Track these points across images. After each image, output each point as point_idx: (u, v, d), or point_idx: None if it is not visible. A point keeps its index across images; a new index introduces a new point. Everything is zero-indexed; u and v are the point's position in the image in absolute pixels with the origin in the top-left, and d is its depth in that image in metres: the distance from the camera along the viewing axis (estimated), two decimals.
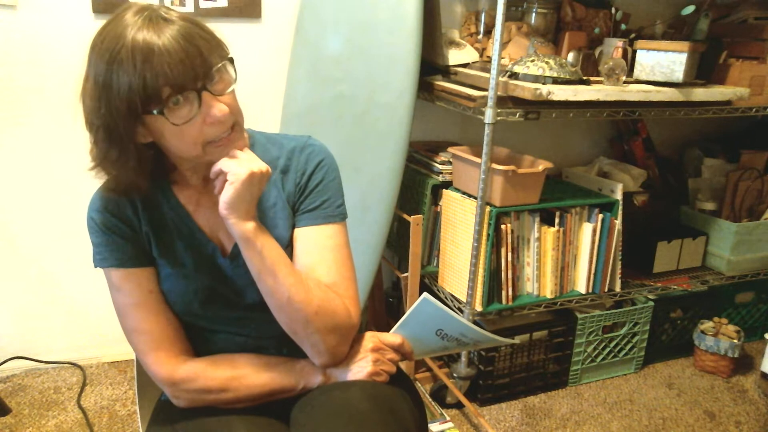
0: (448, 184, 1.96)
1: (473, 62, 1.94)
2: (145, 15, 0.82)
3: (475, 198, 1.76)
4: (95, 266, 0.98)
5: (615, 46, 1.79)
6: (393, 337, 1.01)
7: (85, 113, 0.86)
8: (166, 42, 0.79)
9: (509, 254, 1.83)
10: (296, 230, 1.01)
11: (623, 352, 2.14)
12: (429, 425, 1.82)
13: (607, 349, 2.11)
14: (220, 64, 0.86)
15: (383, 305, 2.26)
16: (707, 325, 2.20)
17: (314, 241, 0.99)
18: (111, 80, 0.80)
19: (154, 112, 0.82)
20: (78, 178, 1.94)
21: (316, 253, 0.99)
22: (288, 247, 1.01)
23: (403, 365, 2.02)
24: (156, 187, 0.98)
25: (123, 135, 0.84)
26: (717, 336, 2.15)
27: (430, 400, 1.95)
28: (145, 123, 0.85)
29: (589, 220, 1.92)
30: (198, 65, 0.82)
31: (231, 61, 0.89)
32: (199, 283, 0.98)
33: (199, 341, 1.02)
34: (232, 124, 0.89)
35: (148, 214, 0.98)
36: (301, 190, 1.01)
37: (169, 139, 0.86)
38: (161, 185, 0.99)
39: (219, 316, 1.01)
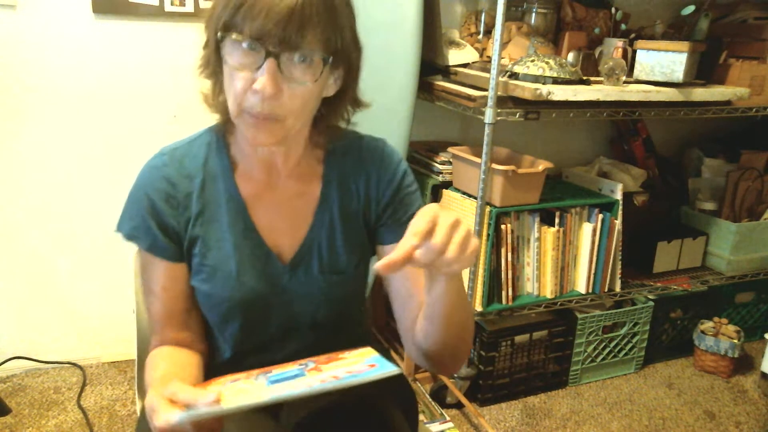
0: (448, 184, 1.96)
1: (473, 62, 1.94)
2: None
3: (475, 198, 1.76)
4: (118, 230, 0.92)
5: (615, 46, 1.80)
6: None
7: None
8: None
9: (509, 254, 1.83)
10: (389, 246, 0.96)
11: (623, 352, 2.14)
12: (429, 425, 1.82)
13: (607, 349, 2.11)
14: (311, 55, 0.78)
15: (383, 305, 2.26)
16: (707, 325, 2.20)
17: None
18: None
19: (219, 35, 0.78)
20: (78, 178, 1.94)
21: None
22: (359, 266, 0.96)
23: (402, 365, 2.02)
24: (219, 173, 0.92)
25: (213, 47, 0.82)
26: (717, 336, 2.15)
27: (430, 400, 1.95)
28: (223, 48, 0.81)
29: (589, 220, 1.92)
30: (293, 32, 0.75)
31: (325, 62, 0.80)
32: (243, 289, 0.91)
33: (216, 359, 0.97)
34: (272, 111, 0.80)
35: (203, 199, 0.91)
36: (390, 200, 0.96)
37: (225, 79, 0.82)
38: (224, 172, 0.92)
39: (254, 333, 0.94)
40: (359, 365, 0.75)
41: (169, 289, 0.93)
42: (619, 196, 1.92)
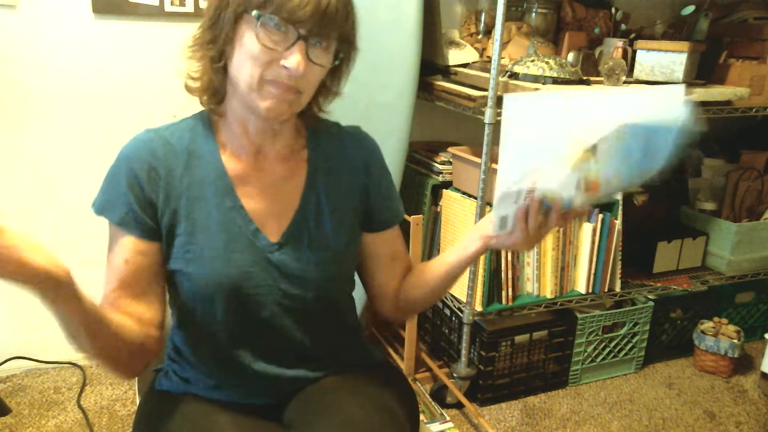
0: (448, 184, 1.97)
1: (473, 62, 1.94)
2: None
3: (475, 198, 1.76)
4: (93, 206, 0.96)
5: (615, 46, 1.80)
6: None
7: None
8: None
9: (509, 254, 1.83)
10: (387, 231, 1.06)
11: (623, 352, 2.14)
12: (429, 425, 1.82)
13: (607, 349, 2.11)
14: (331, 43, 0.88)
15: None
16: (707, 325, 2.20)
17: (399, 236, 1.10)
18: None
19: (254, 13, 0.82)
20: (78, 178, 1.94)
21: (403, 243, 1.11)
22: (349, 246, 1.00)
23: (400, 363, 2.02)
24: (206, 153, 0.94)
25: (227, 20, 0.86)
26: (717, 336, 2.15)
27: (430, 400, 1.95)
28: (241, 25, 0.85)
29: (589, 220, 1.92)
30: (323, 22, 0.84)
31: (339, 50, 0.90)
32: (231, 266, 0.91)
33: (210, 344, 0.96)
34: (296, 88, 0.87)
35: (189, 177, 0.92)
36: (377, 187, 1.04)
37: (241, 53, 0.85)
38: (211, 152, 0.94)
39: (245, 315, 0.94)
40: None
41: (130, 263, 0.92)
42: (619, 196, 1.92)
